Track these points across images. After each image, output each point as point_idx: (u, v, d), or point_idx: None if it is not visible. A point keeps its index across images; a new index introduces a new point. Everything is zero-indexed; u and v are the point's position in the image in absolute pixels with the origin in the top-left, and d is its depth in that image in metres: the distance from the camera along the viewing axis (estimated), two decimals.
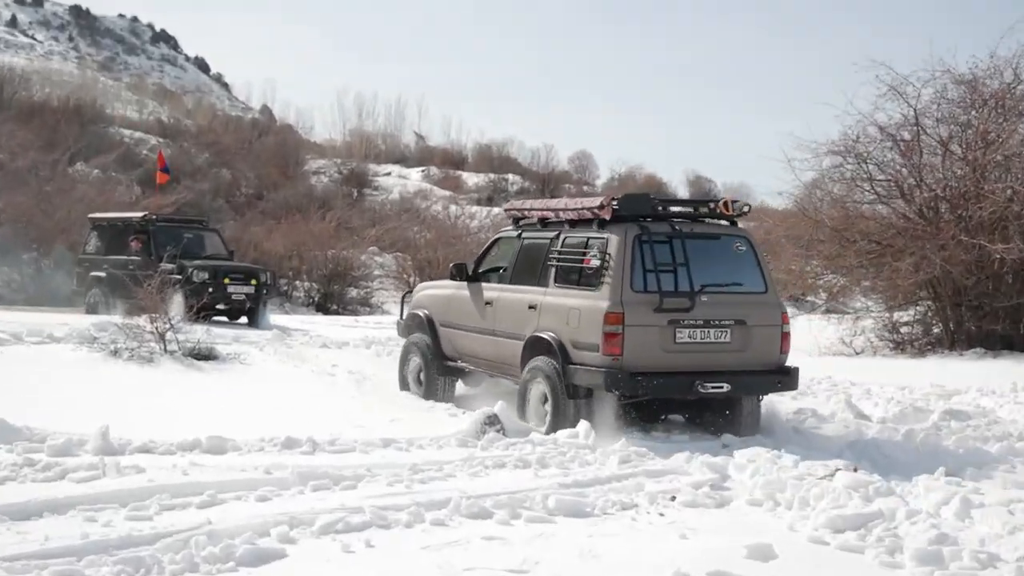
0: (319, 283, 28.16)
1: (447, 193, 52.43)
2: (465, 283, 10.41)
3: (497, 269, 10.48)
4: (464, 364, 10.48)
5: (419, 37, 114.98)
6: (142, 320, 12.82)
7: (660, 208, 8.97)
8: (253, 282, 18.58)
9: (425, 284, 12.39)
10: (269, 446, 7.53)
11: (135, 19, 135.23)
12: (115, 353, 12.11)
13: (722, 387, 8.56)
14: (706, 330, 8.60)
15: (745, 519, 6.31)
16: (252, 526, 5.48)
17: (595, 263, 8.68)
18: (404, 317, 11.54)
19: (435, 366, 10.60)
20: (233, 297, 18.23)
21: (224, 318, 18.38)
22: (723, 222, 9.22)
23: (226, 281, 18.16)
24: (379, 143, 68.02)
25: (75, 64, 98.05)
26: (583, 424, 8.57)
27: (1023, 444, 8.05)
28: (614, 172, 69.01)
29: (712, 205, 9.21)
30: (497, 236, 10.85)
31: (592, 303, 8.55)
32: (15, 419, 7.41)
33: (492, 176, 59.05)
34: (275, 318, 19.40)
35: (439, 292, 11.11)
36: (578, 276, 8.96)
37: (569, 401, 8.72)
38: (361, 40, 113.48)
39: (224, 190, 41.21)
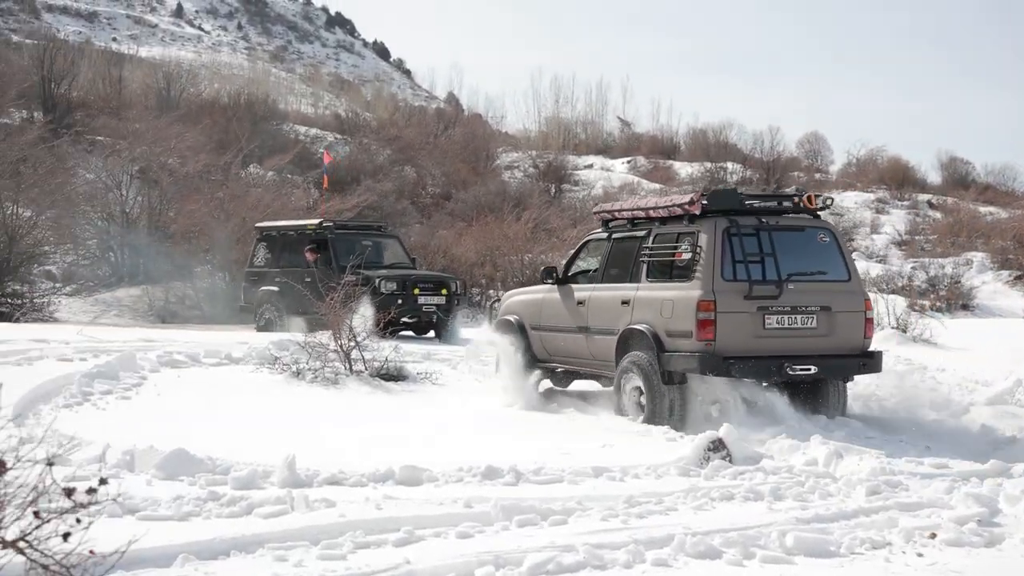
0: None
1: (657, 186, 52.33)
2: (556, 286, 12.48)
3: (586, 272, 12.67)
4: (555, 364, 12.52)
5: (621, 10, 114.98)
6: (325, 337, 13.36)
7: (747, 203, 10.50)
8: (443, 292, 19.09)
9: (513, 291, 14.66)
10: (468, 476, 7.76)
11: (308, 2, 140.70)
12: (297, 374, 12.68)
13: (809, 369, 10.19)
14: (793, 316, 10.27)
15: (1022, 561, 6.14)
16: (454, 566, 5.62)
17: (686, 256, 10.41)
18: (494, 324, 13.60)
19: (525, 364, 12.33)
20: (424, 309, 18.74)
21: (410, 332, 18.95)
22: (807, 215, 10.88)
23: (416, 292, 18.70)
24: (579, 132, 68.64)
25: (245, 56, 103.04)
26: (822, 448, 8.64)
27: None
28: (851, 156, 67.52)
29: (796, 199, 10.73)
30: (587, 238, 12.92)
31: (686, 293, 10.21)
32: (197, 449, 7.77)
33: (708, 165, 58.53)
34: (466, 331, 19.82)
35: (529, 297, 13.30)
36: (670, 270, 10.74)
37: (664, 387, 10.27)
38: (556, 16, 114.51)
39: (408, 190, 42.29)
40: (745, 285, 10.08)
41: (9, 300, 21.83)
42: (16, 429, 6.60)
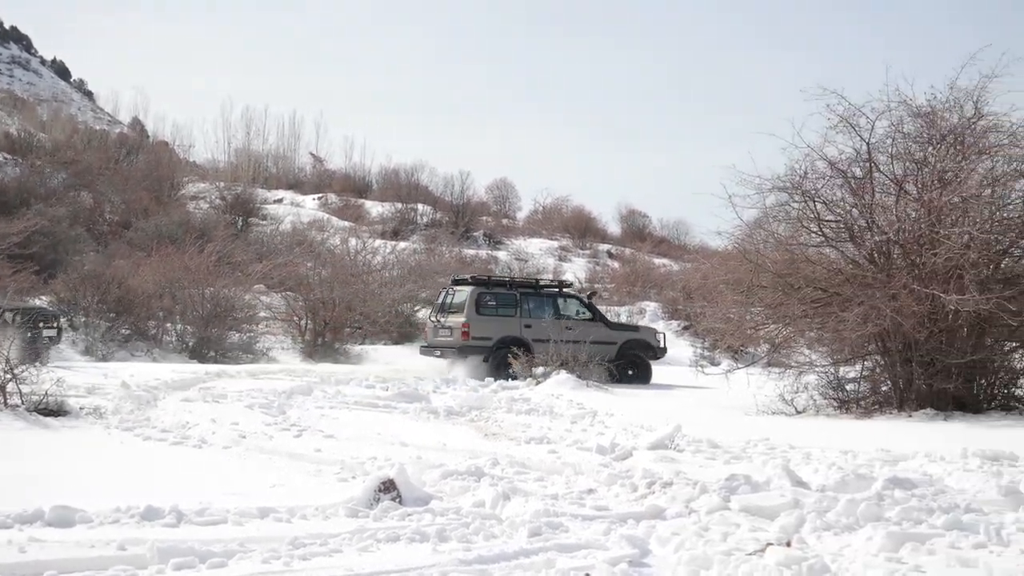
0: (194, 326, 27.91)
1: (347, 224, 52.46)
2: None
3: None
4: None
5: (318, 45, 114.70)
6: None
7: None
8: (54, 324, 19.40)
9: None
10: (126, 517, 7.50)
11: None
12: None
13: None
14: None
15: None
16: None
17: None
18: None
19: None
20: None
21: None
22: None
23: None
24: (270, 165, 67.97)
25: None
26: (491, 490, 8.86)
27: (970, 517, 8.34)
28: (538, 203, 69.92)
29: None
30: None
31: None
32: None
33: (399, 206, 59.24)
34: (134, 366, 19.34)
35: None
36: None
37: None
38: (249, 46, 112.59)
39: (84, 216, 40.71)
40: None
41: None
42: None
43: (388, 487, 8.63)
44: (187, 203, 49.15)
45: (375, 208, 59.95)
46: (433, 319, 26.26)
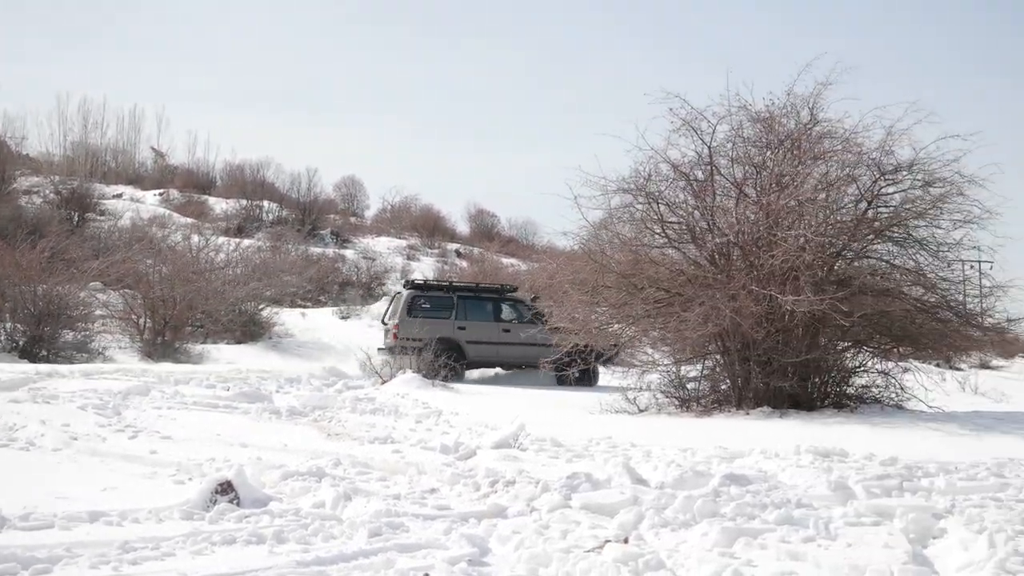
0: (25, 324, 26.97)
1: (190, 221, 51.40)
2: None
3: None
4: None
5: (160, 33, 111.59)
6: None
7: None
8: None
9: None
10: None
11: None
12: None
13: None
14: None
15: None
16: None
17: None
18: None
19: None
20: None
21: None
22: None
23: None
24: (109, 160, 66.12)
25: None
26: (331, 490, 8.81)
27: (801, 512, 8.60)
28: (386, 202, 69.65)
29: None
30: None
31: None
32: None
33: (244, 203, 58.28)
34: None
35: None
36: None
37: None
38: (85, 36, 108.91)
39: None
40: None
41: None
42: None
43: (225, 489, 8.48)
44: (19, 197, 47.43)
45: (219, 205, 58.86)
46: (383, 321, 27.79)
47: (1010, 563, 6.79)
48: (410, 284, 27.48)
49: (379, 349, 26.35)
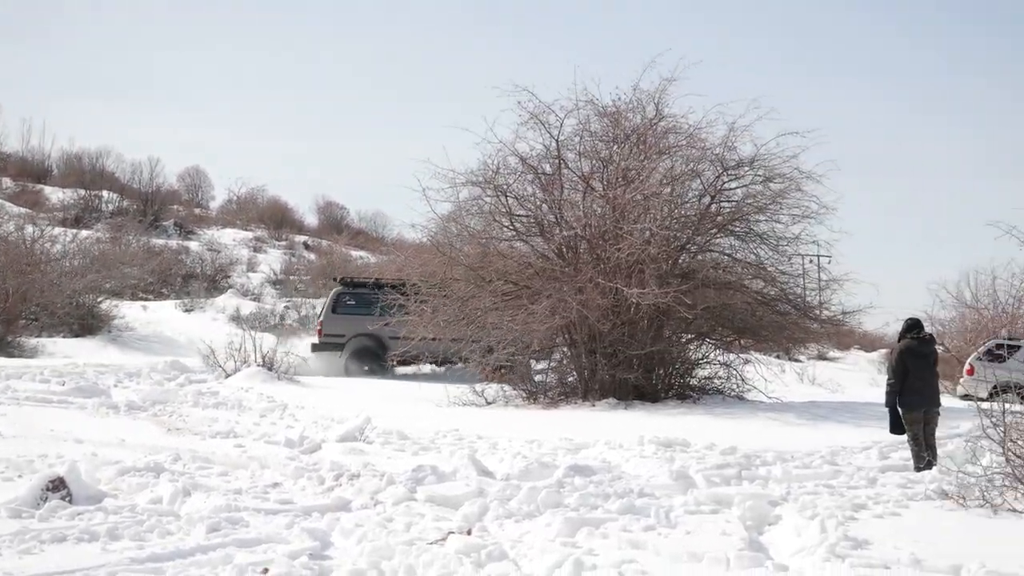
0: None
1: (24, 211, 49.64)
2: None
3: None
4: None
5: None
6: None
7: None
8: None
9: None
10: None
11: None
12: None
13: None
14: None
15: None
16: None
17: None
18: None
19: None
20: None
21: None
22: None
23: None
24: None
25: None
26: (169, 486, 8.62)
27: (643, 501, 8.74)
28: (232, 193, 68.43)
29: None
30: None
31: None
32: None
33: (83, 193, 56.52)
34: None
35: None
36: None
37: None
38: None
39: None
40: None
41: None
42: None
43: (57, 486, 8.20)
44: None
45: (55, 194, 56.94)
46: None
47: (840, 547, 7.00)
48: (337, 281, 27.26)
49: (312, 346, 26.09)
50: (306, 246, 58.24)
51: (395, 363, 24.47)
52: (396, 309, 19.56)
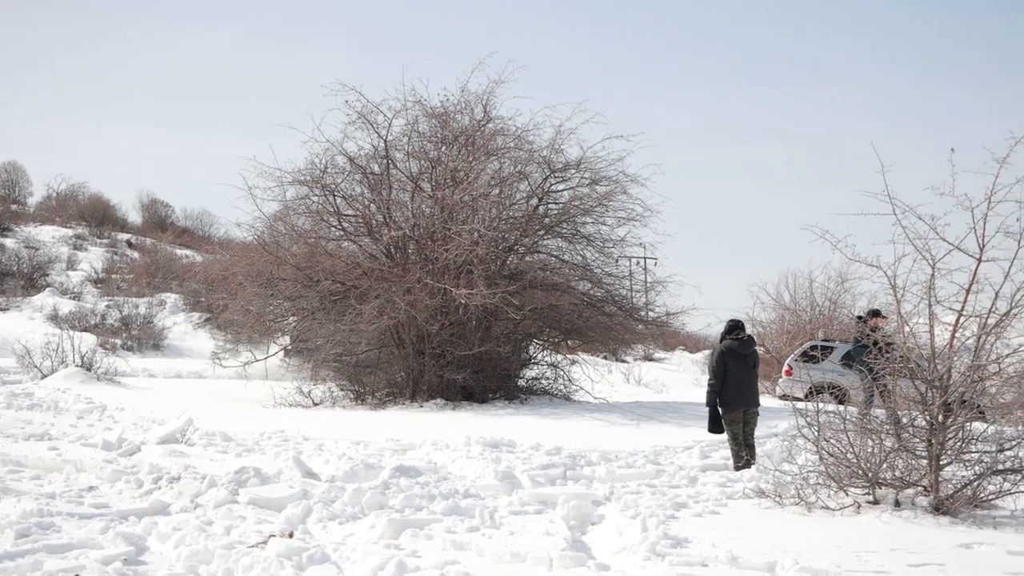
0: None
1: None
2: None
3: None
4: None
5: None
6: None
7: None
8: None
9: None
10: None
11: None
12: None
13: None
14: None
15: None
16: None
17: None
18: None
19: None
20: None
21: None
22: None
23: None
24: None
25: None
26: None
27: (468, 502, 8.77)
28: (51, 189, 66.17)
29: None
30: None
31: None
32: None
33: None
34: None
35: None
36: None
37: None
38: None
39: None
40: None
41: None
42: None
43: None
44: None
45: None
46: None
47: (660, 546, 7.14)
48: None
49: None
50: (129, 244, 56.63)
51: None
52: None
